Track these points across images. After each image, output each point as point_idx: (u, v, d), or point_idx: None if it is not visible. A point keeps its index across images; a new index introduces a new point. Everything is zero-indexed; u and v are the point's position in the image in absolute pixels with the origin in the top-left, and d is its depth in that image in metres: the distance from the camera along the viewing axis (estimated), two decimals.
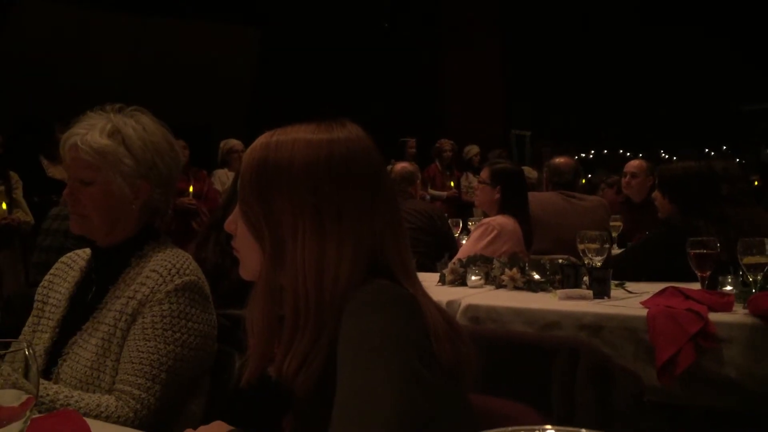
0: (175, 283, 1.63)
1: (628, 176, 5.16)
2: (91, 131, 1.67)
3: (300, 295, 1.11)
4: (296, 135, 1.16)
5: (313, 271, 1.11)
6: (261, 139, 1.20)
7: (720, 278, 2.55)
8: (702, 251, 2.50)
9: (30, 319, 1.81)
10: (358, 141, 1.17)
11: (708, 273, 2.51)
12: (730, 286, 2.52)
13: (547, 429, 0.41)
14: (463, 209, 7.10)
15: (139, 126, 1.71)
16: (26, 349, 0.96)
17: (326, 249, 1.12)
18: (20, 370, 0.96)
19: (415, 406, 0.99)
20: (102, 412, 1.47)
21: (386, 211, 1.17)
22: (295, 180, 1.13)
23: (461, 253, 3.36)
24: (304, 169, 1.13)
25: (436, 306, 1.16)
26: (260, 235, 1.17)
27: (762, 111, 13.12)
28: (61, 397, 1.48)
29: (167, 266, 1.66)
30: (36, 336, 1.75)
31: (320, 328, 1.10)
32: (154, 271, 1.66)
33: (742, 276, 2.50)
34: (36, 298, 1.83)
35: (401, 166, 4.59)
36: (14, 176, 4.85)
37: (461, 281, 2.99)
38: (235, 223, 1.23)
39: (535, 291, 2.80)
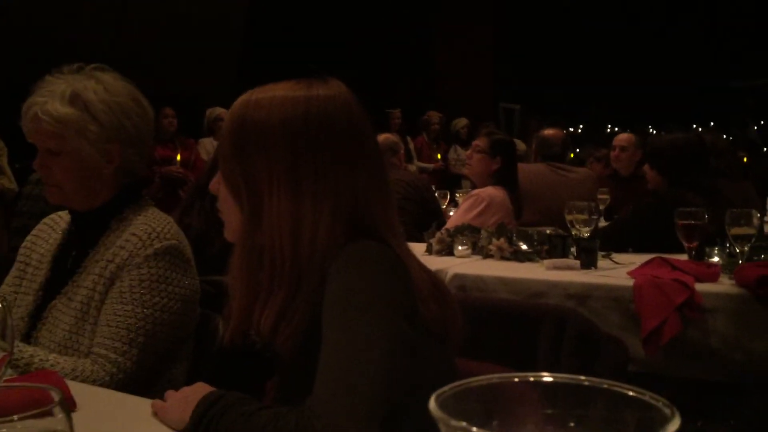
0: (155, 247, 1.59)
1: (617, 150, 5.14)
2: (51, 99, 1.59)
3: (276, 253, 1.11)
4: (275, 92, 1.15)
5: (288, 228, 1.10)
6: (241, 98, 1.19)
7: (707, 249, 2.54)
8: (690, 222, 2.49)
9: (11, 279, 1.76)
10: (338, 97, 1.15)
11: (695, 244, 2.50)
12: (717, 257, 2.52)
13: (544, 376, 0.39)
14: (450, 181, 7.08)
15: (100, 87, 1.63)
16: (0, 303, 0.93)
17: (303, 207, 1.10)
18: None
19: (401, 365, 0.98)
20: (77, 376, 1.45)
21: (370, 170, 1.15)
22: (272, 137, 1.12)
23: (450, 224, 3.34)
24: (281, 126, 1.12)
25: (423, 267, 1.14)
26: (238, 194, 1.16)
27: (750, 88, 13.13)
28: (36, 360, 1.45)
29: (147, 230, 1.62)
30: (19, 298, 1.72)
31: (296, 286, 1.10)
32: (133, 234, 1.62)
33: (728, 247, 2.50)
34: (18, 258, 1.79)
35: (384, 136, 4.55)
36: None
37: (448, 251, 2.97)
38: (218, 183, 1.22)
39: (522, 261, 2.79)
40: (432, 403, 0.37)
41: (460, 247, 2.92)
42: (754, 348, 2.17)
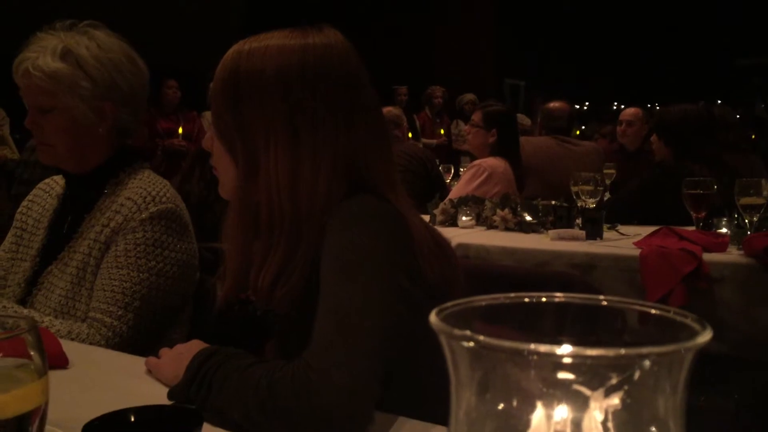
0: (150, 211, 1.56)
1: (623, 124, 5.08)
2: (42, 55, 1.55)
3: (274, 209, 1.07)
4: (269, 42, 1.10)
5: (288, 183, 1.06)
6: (234, 47, 1.13)
7: (714, 220, 2.51)
8: (698, 192, 2.45)
9: (7, 244, 1.73)
10: (334, 46, 1.10)
11: (703, 214, 2.46)
12: (725, 228, 2.48)
13: (557, 296, 0.35)
14: (453, 156, 7.02)
15: (93, 44, 1.58)
16: None
17: (301, 160, 1.06)
18: None
19: (400, 321, 0.94)
20: (73, 339, 1.42)
21: (368, 121, 1.11)
22: (267, 88, 1.07)
23: (452, 195, 3.31)
24: (276, 75, 1.07)
25: (424, 223, 1.10)
26: (233, 149, 1.12)
27: (756, 65, 12.99)
28: None
29: (142, 194, 1.58)
30: (15, 264, 1.69)
31: (295, 243, 1.06)
32: (129, 198, 1.58)
33: (737, 218, 2.46)
34: (14, 224, 1.76)
35: (386, 110, 4.51)
36: (1, 112, 4.71)
37: (452, 222, 2.94)
38: (211, 139, 1.18)
39: (526, 232, 2.76)
40: (433, 317, 0.34)
41: (464, 218, 2.89)
42: (762, 319, 2.14)
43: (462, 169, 4.55)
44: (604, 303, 0.35)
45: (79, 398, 1.01)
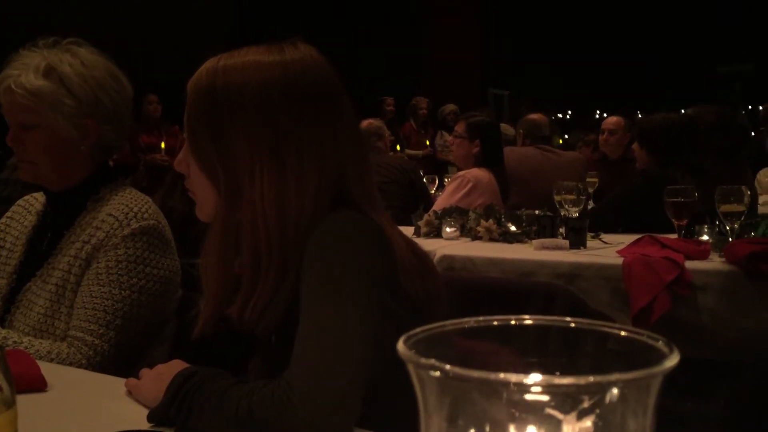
0: (132, 227, 1.54)
1: (605, 133, 5.12)
2: (25, 72, 1.54)
3: (261, 237, 1.03)
4: (245, 58, 1.07)
5: (275, 209, 1.02)
6: (206, 65, 1.10)
7: (696, 227, 2.52)
8: (679, 200, 2.47)
9: None
10: (312, 60, 1.08)
11: (685, 222, 2.48)
12: (707, 235, 2.49)
13: (526, 319, 0.35)
14: (439, 167, 7.03)
15: (76, 61, 1.58)
16: None
17: (287, 184, 1.03)
18: None
19: (382, 339, 0.93)
20: (53, 359, 1.40)
21: (349, 137, 1.10)
22: (249, 106, 1.04)
23: (437, 206, 3.31)
24: (258, 93, 1.04)
25: (404, 237, 1.10)
26: (214, 174, 1.08)
27: (737, 72, 13.13)
28: (9, 342, 1.41)
29: (124, 210, 1.57)
30: None
31: (284, 270, 1.03)
32: (110, 215, 1.57)
33: (718, 226, 2.48)
34: None
35: (368, 122, 4.51)
36: None
37: (436, 233, 2.94)
38: (185, 161, 1.14)
39: (510, 242, 2.76)
40: (401, 345, 0.33)
41: (448, 229, 2.89)
42: (745, 325, 2.15)
43: (446, 180, 4.56)
44: (572, 325, 0.35)
45: (57, 422, 0.99)
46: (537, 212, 2.91)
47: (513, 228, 2.82)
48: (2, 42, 1.73)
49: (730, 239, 2.34)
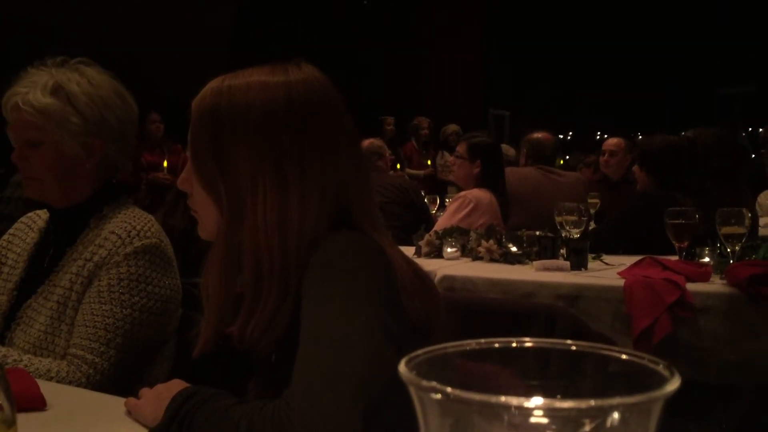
0: (135, 245, 1.55)
1: (606, 154, 5.13)
2: (33, 90, 1.56)
3: (263, 256, 1.03)
4: (249, 78, 1.08)
5: (276, 229, 1.03)
6: (210, 85, 1.11)
7: (697, 249, 2.52)
8: (680, 221, 2.47)
9: None
10: (316, 80, 1.09)
11: (686, 243, 2.48)
12: (708, 257, 2.49)
13: (527, 341, 0.35)
14: (440, 187, 7.04)
15: (84, 80, 1.60)
16: None
17: (289, 204, 1.04)
18: None
19: (383, 359, 0.93)
20: (53, 377, 1.40)
21: (351, 158, 1.10)
22: (252, 126, 1.05)
23: (437, 227, 3.31)
24: (263, 113, 1.05)
25: (405, 257, 1.10)
26: (216, 193, 1.08)
27: (738, 94, 13.19)
28: (9, 360, 1.40)
29: (127, 228, 1.58)
30: None
31: (285, 290, 1.03)
32: (112, 233, 1.57)
33: (719, 248, 2.48)
34: None
35: (368, 141, 4.53)
36: None
37: (437, 253, 2.94)
38: (189, 180, 1.15)
39: (511, 263, 2.76)
40: (402, 367, 0.33)
41: (449, 249, 2.89)
42: (746, 348, 2.15)
43: (448, 200, 4.57)
44: (573, 348, 0.35)
45: None
46: (538, 233, 2.91)
47: (514, 249, 2.82)
48: (9, 64, 1.74)
49: (731, 261, 2.34)
